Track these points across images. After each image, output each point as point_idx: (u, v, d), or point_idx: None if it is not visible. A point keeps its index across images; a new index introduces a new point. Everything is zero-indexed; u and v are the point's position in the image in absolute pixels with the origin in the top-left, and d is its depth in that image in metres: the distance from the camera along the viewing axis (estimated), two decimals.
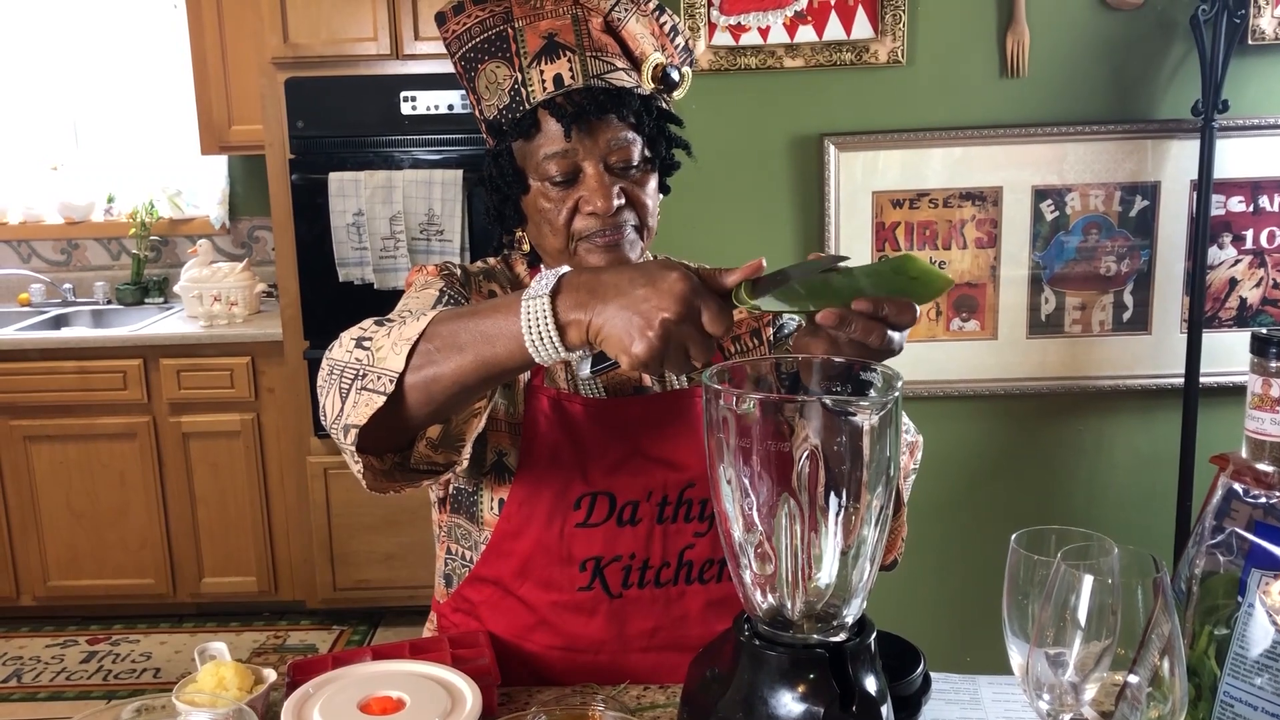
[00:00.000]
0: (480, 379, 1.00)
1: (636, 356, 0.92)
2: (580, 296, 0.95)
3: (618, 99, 1.20)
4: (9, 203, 4.15)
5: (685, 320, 0.92)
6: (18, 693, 3.26)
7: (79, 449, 3.57)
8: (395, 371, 1.00)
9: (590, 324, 0.94)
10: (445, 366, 1.00)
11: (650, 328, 0.91)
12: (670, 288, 0.92)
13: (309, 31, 3.25)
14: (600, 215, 1.20)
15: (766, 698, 0.87)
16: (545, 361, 0.97)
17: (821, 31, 2.45)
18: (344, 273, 3.33)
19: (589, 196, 1.20)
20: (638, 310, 0.92)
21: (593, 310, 0.94)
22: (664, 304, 0.91)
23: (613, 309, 0.93)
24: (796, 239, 2.58)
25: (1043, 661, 0.87)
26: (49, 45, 4.08)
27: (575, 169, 1.21)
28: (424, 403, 1.02)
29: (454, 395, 1.02)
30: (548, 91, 1.20)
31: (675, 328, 0.92)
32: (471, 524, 1.30)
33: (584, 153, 1.20)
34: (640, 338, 0.92)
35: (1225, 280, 2.55)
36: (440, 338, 1.00)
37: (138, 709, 0.92)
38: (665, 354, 0.92)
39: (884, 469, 0.88)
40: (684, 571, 1.27)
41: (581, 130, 1.19)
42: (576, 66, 1.20)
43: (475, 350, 0.99)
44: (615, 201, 1.20)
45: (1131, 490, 2.67)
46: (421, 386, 1.01)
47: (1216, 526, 0.96)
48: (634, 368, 0.94)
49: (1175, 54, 2.48)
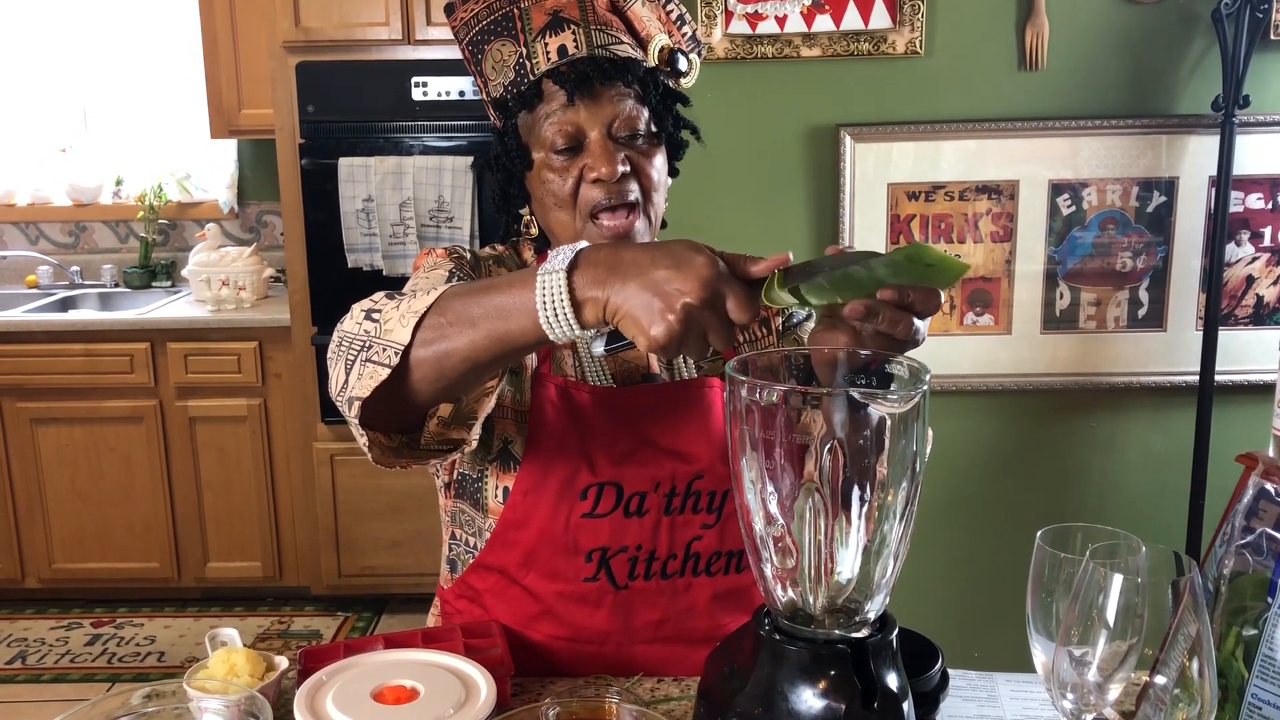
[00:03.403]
0: (492, 355, 0.97)
1: (655, 339, 0.89)
2: (599, 273, 0.91)
3: (622, 67, 1.20)
4: (17, 185, 4.15)
5: (708, 305, 0.88)
6: (22, 674, 3.27)
7: (85, 432, 3.57)
8: (401, 344, 0.98)
9: (608, 302, 0.91)
10: (457, 341, 0.97)
11: (671, 310, 0.88)
12: (696, 270, 0.88)
13: (321, 15, 3.24)
14: (605, 181, 1.18)
15: (786, 693, 0.86)
16: (559, 339, 0.94)
17: (839, 21, 2.43)
18: (353, 259, 3.32)
19: (593, 163, 1.18)
20: (659, 291, 0.88)
21: (611, 288, 0.90)
22: (687, 286, 0.88)
23: (633, 288, 0.89)
24: (811, 230, 2.56)
25: (1067, 661, 0.86)
26: (59, 27, 4.07)
27: (579, 136, 1.20)
28: (434, 378, 0.99)
29: (465, 371, 0.99)
30: (551, 61, 1.19)
31: (697, 312, 0.88)
32: (476, 511, 1.28)
33: (588, 119, 1.19)
34: (660, 320, 0.88)
35: (1242, 278, 2.53)
36: (452, 311, 0.97)
37: (148, 695, 0.91)
38: (685, 339, 0.89)
39: (908, 463, 0.87)
40: (691, 563, 1.25)
41: (585, 96, 1.18)
42: (581, 37, 1.19)
43: (488, 325, 0.96)
44: (620, 167, 1.18)
45: (1144, 488, 2.65)
46: (432, 361, 0.98)
47: (1246, 526, 0.94)
48: (650, 350, 0.90)
49: (1196, 49, 2.45)
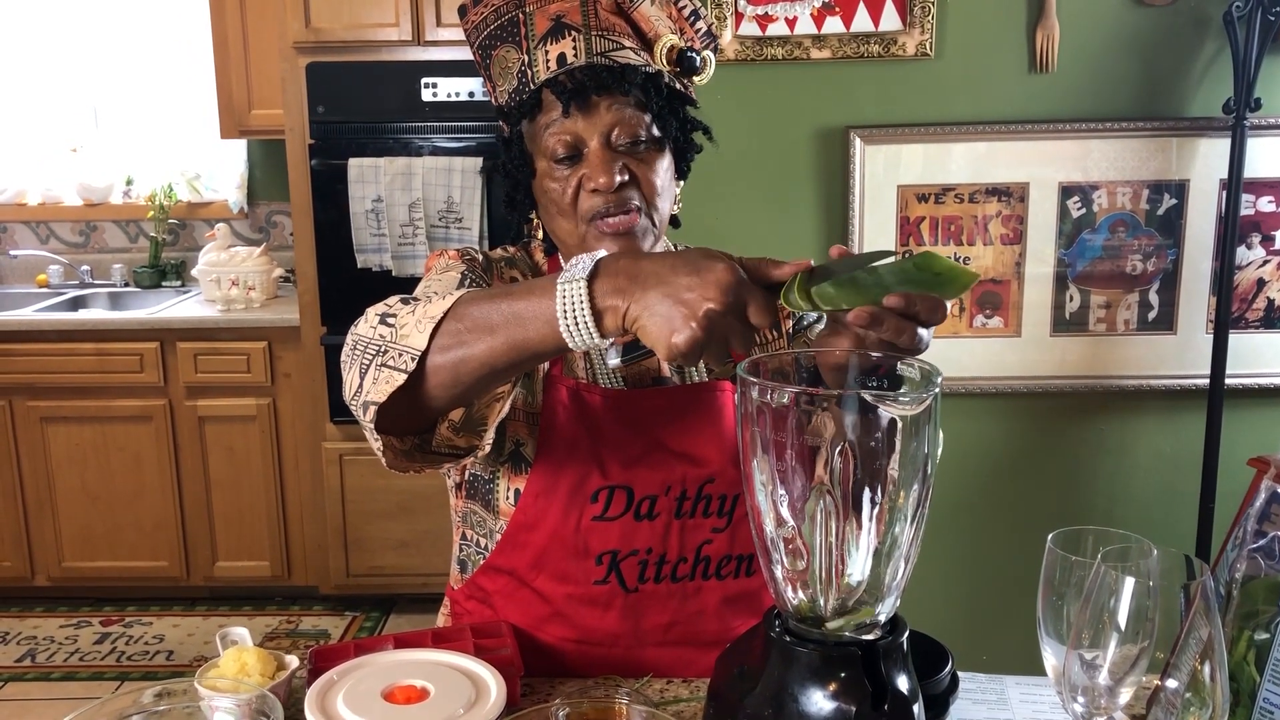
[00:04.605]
0: (509, 362, 0.98)
1: (677, 347, 0.89)
2: (619, 282, 0.92)
3: (620, 75, 1.19)
4: (28, 184, 4.16)
5: (730, 311, 0.89)
6: (31, 672, 3.27)
7: (95, 431, 3.58)
8: (417, 350, 0.98)
9: (628, 311, 0.91)
10: (475, 348, 0.97)
11: (694, 318, 0.88)
12: (717, 278, 0.89)
13: (331, 16, 3.24)
14: (603, 191, 1.18)
15: (797, 695, 0.86)
16: (578, 347, 0.94)
17: (849, 23, 2.43)
18: (362, 259, 3.32)
19: (591, 173, 1.19)
20: (681, 299, 0.89)
21: (631, 297, 0.91)
22: (709, 294, 0.88)
23: (654, 296, 0.90)
24: (820, 232, 2.56)
25: (1078, 664, 0.86)
26: (69, 27, 4.08)
27: (578, 146, 1.20)
28: (450, 384, 1.00)
29: (482, 377, 0.99)
30: (551, 70, 1.19)
31: (720, 319, 0.88)
32: (487, 512, 1.28)
33: (586, 128, 1.19)
34: (684, 328, 0.88)
35: (1253, 281, 2.52)
36: (470, 318, 0.98)
37: (159, 693, 0.91)
38: (707, 345, 0.89)
39: (920, 465, 0.87)
40: (701, 567, 1.25)
41: (581, 106, 1.18)
42: (580, 45, 1.19)
43: (506, 332, 0.96)
44: (617, 177, 1.18)
45: (1154, 491, 2.65)
46: (449, 367, 0.98)
47: (1258, 531, 0.94)
48: (672, 359, 0.90)
49: (1207, 51, 2.45)
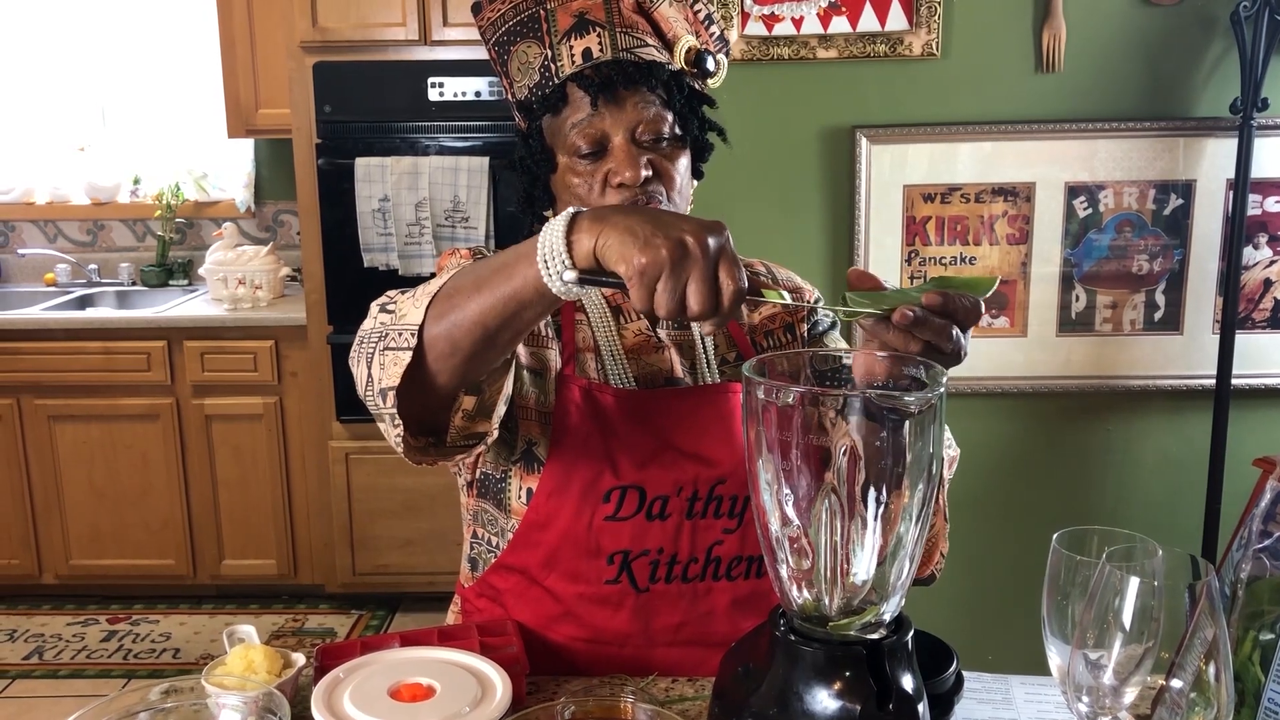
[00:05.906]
0: (500, 318, 0.96)
1: (639, 264, 0.85)
2: (598, 214, 0.91)
3: (646, 71, 1.20)
4: (36, 183, 4.17)
5: (699, 252, 0.85)
6: (39, 670, 3.29)
7: (102, 429, 3.59)
8: (415, 324, 0.99)
9: (600, 234, 0.88)
10: (467, 309, 0.97)
11: (664, 240, 0.85)
12: (701, 221, 0.87)
13: (338, 16, 3.25)
14: (629, 186, 1.19)
15: (802, 694, 0.86)
16: (553, 283, 0.91)
17: (855, 22, 2.43)
18: (369, 258, 3.33)
19: (617, 168, 1.19)
20: (656, 222, 0.87)
21: (607, 223, 0.89)
22: (687, 225, 0.86)
23: (630, 222, 0.88)
24: (826, 232, 2.56)
25: (1083, 664, 0.86)
26: (77, 26, 4.09)
27: (603, 141, 1.20)
28: (448, 352, 0.99)
29: (477, 340, 0.98)
30: (576, 65, 1.19)
31: (689, 250, 0.85)
32: (499, 511, 1.29)
33: (611, 124, 1.19)
34: (647, 246, 0.85)
35: (1260, 281, 2.52)
36: (461, 284, 0.98)
37: (166, 690, 0.92)
38: (667, 277, 0.85)
39: (925, 465, 0.87)
40: (712, 568, 1.25)
41: (608, 100, 1.18)
42: (606, 40, 1.19)
43: (492, 286, 0.95)
44: (643, 172, 1.18)
45: (1159, 491, 2.65)
46: (445, 335, 0.98)
47: (1264, 531, 0.94)
48: (629, 277, 0.86)
49: (1214, 51, 2.44)
